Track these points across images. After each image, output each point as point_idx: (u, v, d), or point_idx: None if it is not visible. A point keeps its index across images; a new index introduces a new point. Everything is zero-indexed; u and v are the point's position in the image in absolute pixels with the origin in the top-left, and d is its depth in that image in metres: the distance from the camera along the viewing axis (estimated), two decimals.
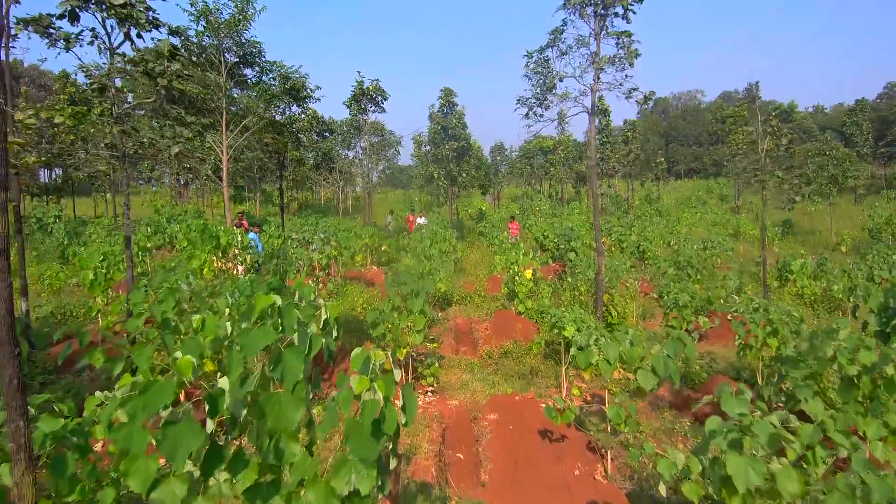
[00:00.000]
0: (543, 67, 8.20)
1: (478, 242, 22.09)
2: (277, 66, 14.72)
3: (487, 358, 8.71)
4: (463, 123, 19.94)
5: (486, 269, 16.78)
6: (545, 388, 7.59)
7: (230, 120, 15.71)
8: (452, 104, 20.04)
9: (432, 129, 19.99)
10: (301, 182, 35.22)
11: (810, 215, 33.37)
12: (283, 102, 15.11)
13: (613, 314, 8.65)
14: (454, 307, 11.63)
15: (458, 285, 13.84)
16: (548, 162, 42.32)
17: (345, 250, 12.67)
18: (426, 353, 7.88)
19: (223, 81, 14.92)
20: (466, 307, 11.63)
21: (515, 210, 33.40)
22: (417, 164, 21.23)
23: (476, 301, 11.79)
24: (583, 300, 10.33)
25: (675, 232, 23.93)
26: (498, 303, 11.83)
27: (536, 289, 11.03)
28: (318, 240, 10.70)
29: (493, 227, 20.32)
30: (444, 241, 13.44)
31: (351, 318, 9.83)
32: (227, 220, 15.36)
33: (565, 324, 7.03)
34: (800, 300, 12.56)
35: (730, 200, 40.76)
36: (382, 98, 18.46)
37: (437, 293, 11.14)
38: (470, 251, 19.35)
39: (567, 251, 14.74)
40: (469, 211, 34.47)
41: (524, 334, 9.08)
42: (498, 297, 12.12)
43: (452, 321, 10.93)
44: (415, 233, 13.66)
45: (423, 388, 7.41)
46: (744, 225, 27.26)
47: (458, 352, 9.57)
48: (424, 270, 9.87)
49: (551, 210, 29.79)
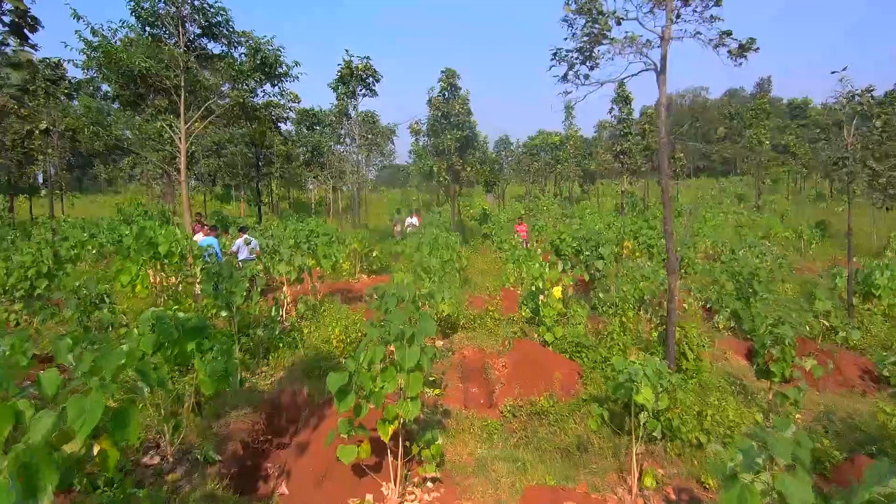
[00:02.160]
0: (592, 4, 5.71)
1: (482, 247, 19.62)
2: (245, 35, 12.20)
3: (511, 416, 6.23)
4: (467, 110, 17.38)
5: (495, 278, 14.34)
6: (601, 473, 5.11)
7: (192, 103, 13.20)
8: (455, 87, 17.47)
9: (432, 116, 17.47)
10: (290, 180, 32.69)
11: (839, 216, 30.94)
12: (253, 80, 12.60)
13: (689, 356, 6.19)
14: (460, 333, 9.14)
15: (464, 300, 11.38)
16: (553, 159, 39.87)
17: (324, 260, 10.17)
18: (424, 423, 5.38)
19: (179, 53, 12.40)
20: (476, 333, 9.14)
21: (521, 210, 30.95)
22: (415, 159, 18.62)
23: (488, 324, 9.30)
24: (629, 326, 7.86)
25: (700, 234, 21.49)
26: (516, 326, 9.36)
27: (568, 312, 8.55)
28: (285, 248, 8.23)
29: (500, 228, 17.83)
30: (447, 247, 10.96)
31: (322, 355, 7.34)
32: (186, 221, 12.86)
33: (639, 384, 4.56)
34: (888, 320, 10.12)
35: (748, 199, 38.36)
36: (374, 80, 15.93)
37: (439, 315, 8.66)
38: (475, 258, 16.86)
39: (594, 259, 12.27)
40: (471, 211, 31.99)
41: (561, 381, 6.59)
42: (515, 320, 9.64)
43: (459, 353, 8.44)
44: (410, 237, 11.12)
45: (421, 477, 4.92)
46: (774, 226, 24.81)
47: (468, 399, 7.09)
48: (422, 291, 7.39)
49: (561, 210, 27.33)
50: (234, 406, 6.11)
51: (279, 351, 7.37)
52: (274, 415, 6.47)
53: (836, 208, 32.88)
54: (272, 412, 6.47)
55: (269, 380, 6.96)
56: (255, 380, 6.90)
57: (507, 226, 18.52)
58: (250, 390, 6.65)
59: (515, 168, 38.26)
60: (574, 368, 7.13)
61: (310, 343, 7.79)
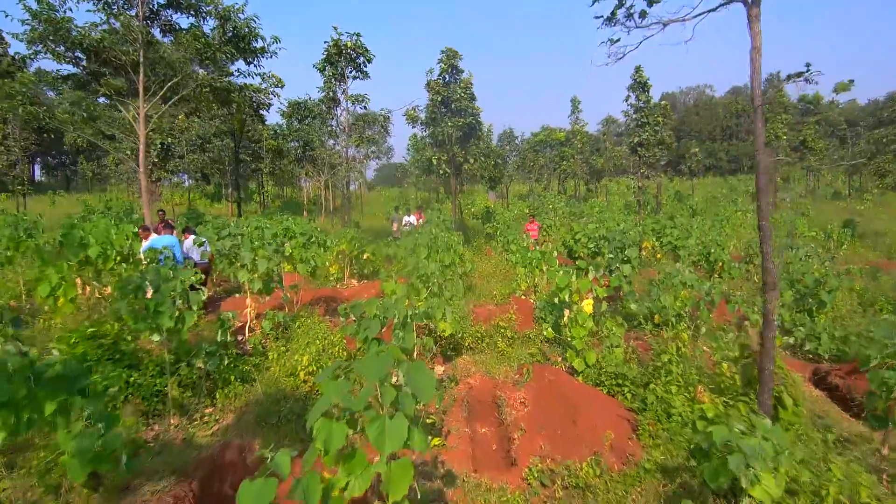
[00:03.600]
0: None
1: (487, 247, 17.88)
2: (212, 1, 10.47)
3: (538, 484, 4.50)
4: (470, 95, 15.60)
5: (502, 283, 12.64)
6: None
7: (154, 82, 11.46)
8: (456, 70, 15.70)
9: (431, 102, 15.68)
10: (281, 177, 30.91)
11: (862, 215, 29.21)
12: (223, 56, 10.86)
13: (786, 402, 4.47)
14: (465, 356, 7.41)
15: (468, 311, 9.66)
16: (558, 156, 38.12)
17: (301, 264, 8.44)
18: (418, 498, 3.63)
19: (138, 26, 10.67)
20: (484, 355, 7.41)
21: (525, 208, 29.20)
22: (412, 152, 16.83)
23: (499, 345, 7.57)
24: (685, 352, 6.12)
25: (722, 234, 19.77)
26: (533, 347, 7.63)
27: (600, 331, 6.84)
28: (247, 250, 6.49)
29: (507, 227, 16.08)
30: (448, 249, 9.23)
31: (284, 393, 5.60)
32: (146, 219, 11.12)
33: (755, 471, 2.83)
34: None
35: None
36: (366, 59, 14.17)
37: (440, 335, 6.95)
38: (479, 260, 15.12)
39: (618, 262, 10.53)
40: (472, 209, 30.26)
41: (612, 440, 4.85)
42: (532, 338, 7.91)
43: (464, 382, 6.72)
44: (406, 237, 9.37)
45: None
46: (799, 225, 23.07)
47: (478, 451, 5.37)
48: (417, 307, 5.68)
49: (569, 208, 25.60)
50: (153, 473, 4.39)
51: (231, 386, 5.65)
52: (212, 481, 4.74)
53: (858, 206, 31.18)
54: (209, 477, 4.74)
55: (213, 428, 5.23)
56: (194, 428, 5.17)
57: (515, 224, 16.79)
58: (183, 444, 4.93)
59: (520, 164, 36.42)
60: (618, 411, 5.40)
61: (273, 374, 6.07)
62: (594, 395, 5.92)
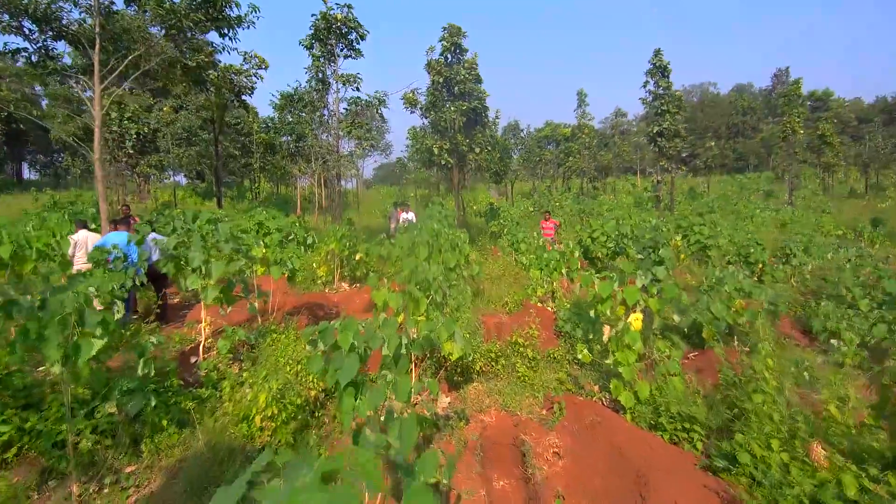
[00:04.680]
0: None
1: (493, 247, 16.38)
2: None
3: None
4: (475, 76, 14.03)
5: (513, 288, 11.18)
6: None
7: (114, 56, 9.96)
8: (460, 49, 14.12)
9: (432, 84, 14.10)
10: (274, 173, 29.36)
11: (884, 212, 27.71)
12: (192, 25, 9.36)
13: None
14: (476, 382, 5.92)
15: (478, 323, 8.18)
16: (562, 152, 36.61)
17: (276, 267, 6.97)
18: None
19: None
20: (500, 382, 5.92)
21: (530, 206, 27.73)
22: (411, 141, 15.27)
23: (518, 367, 6.08)
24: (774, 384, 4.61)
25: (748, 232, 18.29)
26: (560, 370, 6.15)
27: (648, 353, 5.35)
28: (196, 249, 5.01)
29: (515, 225, 14.59)
30: (454, 248, 7.75)
31: (232, 444, 4.10)
32: (102, 214, 9.61)
33: None
34: None
35: (776, 195, 35.14)
36: (359, 36, 12.62)
37: (446, 356, 5.47)
38: (484, 261, 13.62)
39: (650, 265, 9.04)
40: (475, 206, 28.78)
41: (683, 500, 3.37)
42: (557, 358, 6.43)
43: (476, 419, 5.24)
44: (401, 235, 7.86)
45: None
46: (826, 223, 21.60)
47: None
48: (414, 327, 4.21)
49: (578, 205, 24.11)
50: None
51: (163, 434, 4.16)
52: None
53: (880, 204, 29.71)
54: None
55: (130, 497, 3.75)
56: (102, 500, 3.68)
57: (524, 222, 15.32)
58: None
59: (526, 158, 34.81)
60: (699, 477, 3.90)
61: (225, 413, 4.57)
62: (652, 443, 4.44)
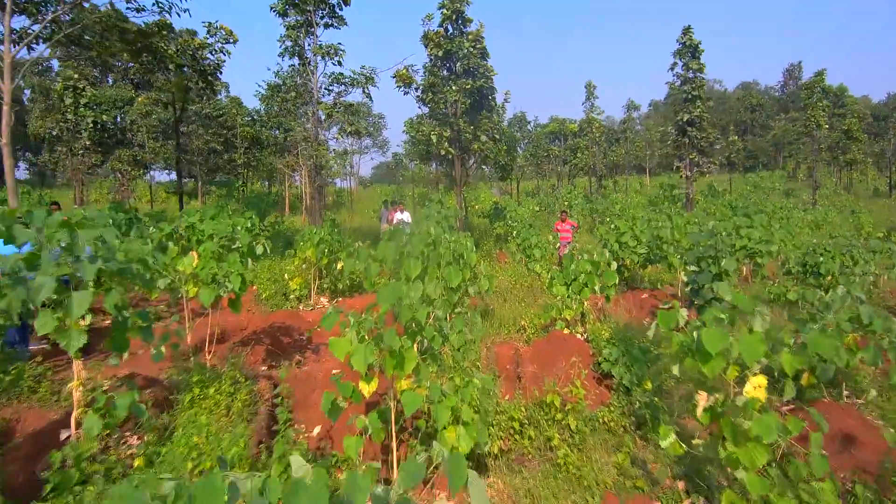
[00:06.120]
0: None
1: (500, 252, 14.39)
2: None
3: None
4: (481, 51, 11.87)
5: (526, 301, 9.27)
6: None
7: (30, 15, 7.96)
8: (463, 19, 11.90)
9: (430, 60, 11.93)
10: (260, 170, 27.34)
11: None
12: None
13: None
14: (493, 474, 3.91)
15: (492, 359, 6.23)
16: (569, 148, 34.63)
17: (206, 289, 4.98)
18: None
19: None
20: (529, 474, 3.91)
21: (535, 206, 25.75)
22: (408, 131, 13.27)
23: (556, 445, 4.08)
24: None
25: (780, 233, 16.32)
26: (621, 450, 4.16)
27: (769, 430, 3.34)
28: (43, 271, 3.10)
29: (527, 228, 12.56)
30: (458, 260, 5.76)
31: None
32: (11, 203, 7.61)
33: None
34: None
35: (796, 194, 33.20)
36: (341, 0, 10.56)
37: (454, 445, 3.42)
38: (491, 270, 11.62)
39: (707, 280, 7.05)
40: (477, 206, 26.79)
41: None
42: (611, 426, 4.44)
43: None
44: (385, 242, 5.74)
45: None
46: (864, 224, 19.66)
47: None
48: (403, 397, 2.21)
49: (590, 204, 22.14)
50: None
51: None
52: None
53: None
54: None
55: None
56: None
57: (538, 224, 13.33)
58: None
59: (532, 153, 32.69)
60: None
61: None
62: None
